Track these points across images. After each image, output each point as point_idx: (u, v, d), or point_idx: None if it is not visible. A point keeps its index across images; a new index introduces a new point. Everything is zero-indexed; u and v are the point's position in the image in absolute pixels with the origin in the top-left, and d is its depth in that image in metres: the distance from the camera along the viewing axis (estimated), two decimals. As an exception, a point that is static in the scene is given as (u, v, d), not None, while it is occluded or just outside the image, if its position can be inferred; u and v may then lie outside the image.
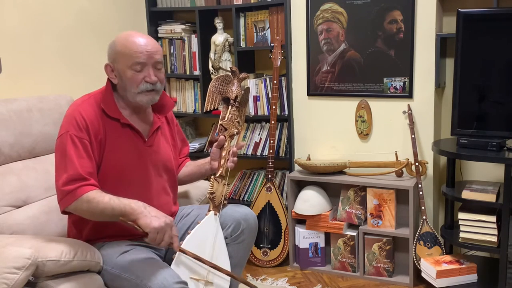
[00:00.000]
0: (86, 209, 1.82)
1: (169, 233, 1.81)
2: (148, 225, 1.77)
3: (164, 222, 1.80)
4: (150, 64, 1.93)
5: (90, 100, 1.95)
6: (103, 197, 1.81)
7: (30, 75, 2.76)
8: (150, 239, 1.79)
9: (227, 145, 2.11)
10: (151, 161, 2.04)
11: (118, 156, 1.95)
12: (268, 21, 3.26)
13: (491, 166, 2.90)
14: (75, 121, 1.87)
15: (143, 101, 1.96)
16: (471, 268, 2.69)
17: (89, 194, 1.81)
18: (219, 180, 2.05)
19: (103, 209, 1.80)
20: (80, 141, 1.85)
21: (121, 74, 1.92)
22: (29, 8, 2.75)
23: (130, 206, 1.81)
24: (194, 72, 3.51)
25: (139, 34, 1.95)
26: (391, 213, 2.90)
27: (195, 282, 1.88)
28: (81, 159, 1.84)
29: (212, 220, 2.00)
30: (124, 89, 1.94)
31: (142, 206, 1.82)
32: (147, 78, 1.92)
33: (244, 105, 2.31)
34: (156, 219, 1.79)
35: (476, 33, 2.61)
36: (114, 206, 1.80)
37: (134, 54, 1.89)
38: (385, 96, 2.99)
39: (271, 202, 3.17)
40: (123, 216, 1.81)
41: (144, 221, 1.78)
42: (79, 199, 1.80)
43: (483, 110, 2.65)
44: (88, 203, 1.80)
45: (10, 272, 1.63)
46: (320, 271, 3.11)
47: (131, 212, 1.80)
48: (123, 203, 1.82)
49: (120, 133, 1.96)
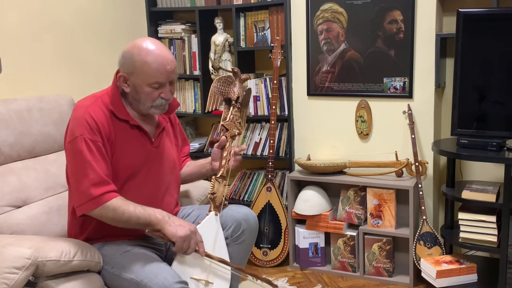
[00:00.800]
0: (112, 217, 1.83)
1: (194, 240, 1.85)
2: (174, 234, 1.81)
3: (189, 230, 1.84)
4: (168, 82, 1.92)
5: (97, 102, 1.93)
6: (128, 206, 1.83)
7: (30, 75, 2.76)
8: (177, 247, 1.83)
9: (228, 146, 2.11)
10: (158, 162, 2.05)
11: (127, 158, 1.94)
12: (268, 21, 3.26)
13: (491, 166, 2.90)
14: (87, 124, 1.85)
15: (155, 113, 1.98)
16: (471, 268, 2.69)
17: (114, 202, 1.82)
18: (220, 180, 2.05)
19: (128, 218, 1.83)
20: (95, 144, 1.84)
21: (137, 88, 1.90)
22: (29, 8, 2.75)
23: (155, 216, 1.85)
24: (194, 72, 3.51)
25: (158, 48, 1.89)
26: (391, 213, 2.90)
27: (196, 282, 1.88)
28: (98, 163, 1.83)
29: (213, 220, 2.00)
30: (138, 101, 1.93)
31: (167, 215, 1.87)
32: (163, 95, 1.92)
33: (246, 106, 2.31)
34: (181, 228, 1.83)
35: (476, 33, 2.61)
36: (140, 216, 1.83)
37: (154, 74, 1.87)
38: (385, 96, 2.99)
39: (271, 202, 3.17)
40: (148, 225, 1.84)
41: (170, 230, 1.82)
42: (104, 206, 1.81)
43: (483, 110, 2.65)
44: (114, 212, 1.82)
45: (10, 272, 1.63)
46: (320, 271, 3.11)
47: (156, 222, 1.84)
48: (148, 212, 1.84)
49: (129, 134, 1.96)
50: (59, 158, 2.41)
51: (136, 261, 1.85)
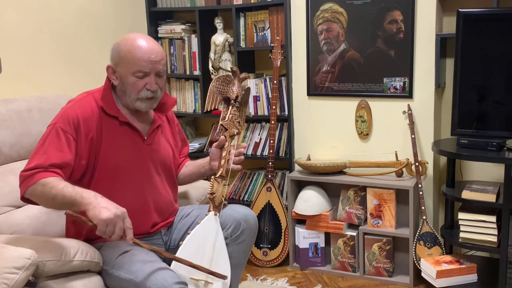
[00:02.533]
0: (40, 194, 1.75)
1: (120, 225, 1.69)
2: (96, 216, 1.65)
3: (114, 214, 1.67)
4: (153, 72, 1.92)
5: (88, 98, 1.95)
6: (58, 183, 1.73)
7: (30, 75, 2.76)
8: (99, 231, 1.67)
9: (227, 146, 2.11)
10: (150, 160, 2.04)
11: (115, 154, 1.94)
12: (268, 21, 3.26)
13: (491, 166, 2.90)
14: (66, 116, 1.86)
15: (141, 107, 1.96)
16: (471, 268, 2.69)
17: (46, 179, 1.74)
18: (219, 180, 2.04)
19: (55, 195, 1.72)
20: (65, 134, 1.84)
21: (122, 79, 1.92)
22: (29, 8, 2.75)
23: (81, 195, 1.71)
24: (194, 72, 3.51)
25: (145, 39, 1.92)
26: (391, 213, 2.90)
27: (195, 282, 1.88)
28: (58, 152, 1.81)
29: (212, 220, 2.00)
30: (124, 92, 1.94)
31: (93, 196, 1.71)
32: (148, 86, 1.92)
33: (245, 105, 2.31)
34: (106, 210, 1.67)
35: (476, 33, 2.61)
36: (66, 194, 1.71)
37: (138, 62, 1.88)
38: (385, 96, 2.99)
39: (271, 202, 3.17)
40: (73, 205, 1.72)
41: (93, 212, 1.66)
42: (36, 183, 1.74)
43: (483, 110, 2.65)
44: (42, 187, 1.73)
45: (10, 272, 1.63)
46: (320, 271, 3.11)
47: (81, 202, 1.69)
48: (76, 191, 1.72)
49: (118, 131, 1.96)
50: (59, 158, 2.41)
51: (135, 261, 1.84)
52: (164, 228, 2.12)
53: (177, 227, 2.14)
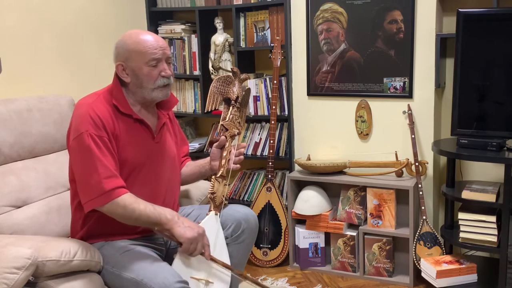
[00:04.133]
0: (122, 214, 1.83)
1: (201, 242, 1.86)
2: (182, 235, 1.82)
3: (197, 233, 1.85)
4: (164, 59, 1.95)
5: (100, 98, 1.94)
6: (138, 204, 1.83)
7: (30, 75, 2.76)
8: (184, 248, 1.84)
9: (227, 146, 2.11)
10: (160, 157, 2.05)
11: (129, 152, 1.94)
12: (268, 21, 3.26)
13: (491, 166, 2.90)
14: (92, 120, 1.85)
15: (158, 97, 1.97)
16: (471, 268, 2.69)
17: (125, 199, 1.82)
18: (220, 180, 2.05)
19: (138, 216, 1.83)
20: (101, 139, 1.85)
21: (136, 72, 1.92)
22: (29, 8, 2.75)
23: (165, 216, 1.85)
24: (194, 72, 3.51)
25: (147, 32, 1.97)
26: (391, 213, 2.90)
27: (196, 282, 1.88)
28: (106, 157, 1.84)
29: (213, 220, 2.00)
30: (140, 86, 1.94)
31: (176, 216, 1.87)
32: (163, 73, 1.94)
33: (245, 106, 2.31)
34: (190, 229, 1.84)
35: (476, 33, 2.61)
36: (150, 215, 1.83)
37: (149, 51, 1.90)
38: (385, 96, 2.99)
39: (271, 202, 3.17)
40: (158, 224, 1.84)
41: (178, 231, 1.83)
42: (114, 202, 1.81)
43: (483, 110, 2.65)
44: (124, 208, 1.81)
45: (10, 272, 1.63)
46: (320, 271, 3.11)
47: (166, 222, 1.84)
48: (158, 211, 1.85)
49: (132, 129, 1.96)
50: (59, 158, 2.41)
51: (136, 260, 1.85)
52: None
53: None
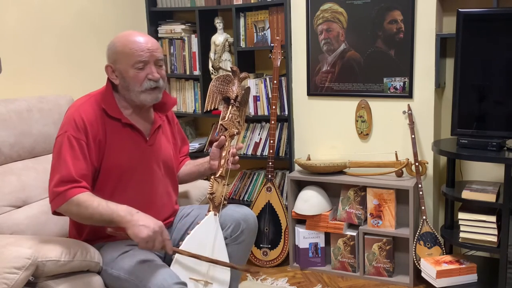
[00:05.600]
0: (76, 213, 1.81)
1: (159, 239, 1.77)
2: (136, 235, 1.74)
3: (153, 231, 1.75)
4: (152, 61, 1.93)
5: (90, 101, 1.94)
6: (92, 201, 1.79)
7: (30, 75, 2.76)
8: (140, 247, 1.77)
9: (227, 145, 2.11)
10: (153, 160, 2.04)
11: (119, 156, 1.94)
12: (268, 21, 3.26)
13: (491, 166, 2.90)
14: (74, 122, 1.86)
15: (147, 100, 1.96)
16: (471, 268, 2.69)
17: (80, 197, 1.79)
18: (219, 180, 2.05)
19: (91, 214, 1.78)
20: (77, 142, 1.85)
21: (123, 74, 1.92)
22: (29, 8, 2.75)
23: (117, 213, 1.77)
24: (194, 72, 3.51)
25: (138, 33, 1.95)
26: (391, 213, 2.90)
27: (195, 283, 1.88)
28: (75, 161, 1.83)
29: (212, 220, 2.00)
30: (127, 88, 1.94)
31: (130, 214, 1.78)
32: (150, 76, 1.92)
33: (245, 105, 2.31)
34: (144, 228, 1.74)
35: (476, 33, 2.61)
36: (102, 212, 1.78)
37: (135, 53, 1.89)
38: (385, 96, 2.99)
39: (271, 202, 3.17)
40: (111, 222, 1.79)
41: (132, 231, 1.75)
42: (69, 201, 1.79)
43: (483, 110, 2.65)
44: (77, 207, 1.79)
45: (10, 272, 1.63)
46: (320, 271, 3.11)
47: (119, 220, 1.77)
48: (111, 209, 1.79)
49: (121, 133, 1.96)
50: (59, 158, 2.41)
51: (135, 261, 1.84)
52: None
53: (177, 227, 2.14)
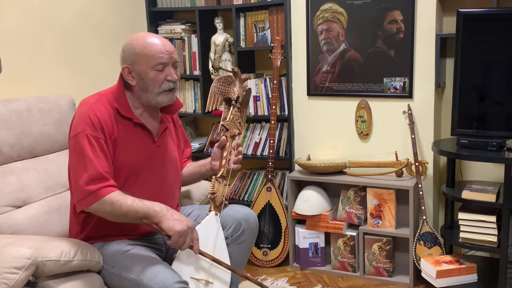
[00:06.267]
0: (109, 211, 1.82)
1: (190, 236, 1.84)
2: (171, 228, 1.80)
3: (187, 226, 1.83)
4: (171, 63, 1.95)
5: (102, 100, 1.94)
6: (126, 199, 1.82)
7: (30, 75, 2.76)
8: (172, 241, 1.82)
9: (228, 146, 2.12)
10: (160, 161, 2.05)
11: (129, 156, 1.95)
12: (268, 21, 3.26)
13: (491, 166, 2.90)
14: (90, 120, 1.86)
15: (164, 101, 1.97)
16: (471, 268, 2.70)
17: (112, 196, 1.81)
18: (220, 180, 2.05)
19: (126, 211, 1.81)
20: (96, 140, 1.85)
21: (142, 75, 1.92)
22: (29, 8, 2.75)
23: (153, 209, 1.83)
24: (194, 72, 3.51)
25: (155, 35, 1.97)
26: (391, 213, 2.90)
27: (196, 282, 1.88)
28: (99, 159, 1.83)
29: (213, 220, 2.00)
30: (145, 89, 1.94)
31: (165, 209, 1.85)
32: (169, 77, 1.94)
33: (246, 106, 2.32)
34: (179, 222, 1.82)
35: (476, 33, 2.61)
36: (138, 209, 1.82)
37: (156, 55, 1.90)
38: (385, 96, 2.99)
39: (271, 202, 3.17)
40: (146, 218, 1.82)
41: (167, 224, 1.81)
42: (101, 200, 1.80)
43: (483, 110, 2.65)
44: (111, 205, 1.81)
45: (10, 272, 1.63)
46: (320, 271, 3.11)
47: (154, 215, 1.82)
48: (146, 205, 1.83)
49: (132, 132, 1.97)
50: (59, 158, 2.41)
51: (136, 260, 1.85)
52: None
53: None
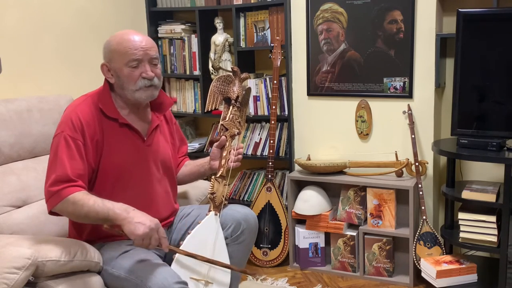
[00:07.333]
0: (72, 211, 1.81)
1: (155, 236, 1.78)
2: (132, 232, 1.74)
3: (149, 228, 1.75)
4: (146, 60, 1.93)
5: (87, 101, 1.95)
6: (88, 200, 1.79)
7: (30, 75, 2.76)
8: (136, 245, 1.77)
9: (227, 145, 2.11)
10: (150, 160, 2.04)
11: (116, 156, 1.94)
12: (268, 21, 3.26)
13: (491, 166, 2.90)
14: (71, 122, 1.87)
15: (142, 98, 1.96)
16: (471, 268, 2.69)
17: (75, 196, 1.79)
18: (220, 180, 2.05)
19: (87, 212, 1.78)
20: (74, 142, 1.85)
21: (117, 73, 1.93)
22: (29, 8, 2.75)
23: (113, 211, 1.77)
24: (194, 72, 3.51)
25: (133, 32, 1.96)
26: (391, 213, 2.90)
27: (195, 282, 1.88)
28: (72, 161, 1.83)
29: (213, 220, 2.00)
30: (122, 87, 1.94)
31: (125, 211, 1.78)
32: (144, 74, 1.92)
33: (245, 106, 2.31)
34: (140, 225, 1.74)
35: (476, 33, 2.61)
36: (98, 210, 1.78)
37: (129, 51, 1.90)
38: (385, 96, 2.99)
39: (271, 202, 3.17)
40: (107, 220, 1.78)
41: (128, 227, 1.74)
42: (64, 200, 1.79)
43: (483, 110, 2.65)
44: (73, 205, 1.79)
45: (10, 272, 1.63)
46: (320, 271, 3.11)
47: (115, 218, 1.77)
48: (107, 206, 1.79)
49: (118, 133, 1.96)
50: (59, 158, 2.41)
51: (135, 261, 1.85)
52: (164, 228, 2.11)
53: (177, 227, 2.14)
